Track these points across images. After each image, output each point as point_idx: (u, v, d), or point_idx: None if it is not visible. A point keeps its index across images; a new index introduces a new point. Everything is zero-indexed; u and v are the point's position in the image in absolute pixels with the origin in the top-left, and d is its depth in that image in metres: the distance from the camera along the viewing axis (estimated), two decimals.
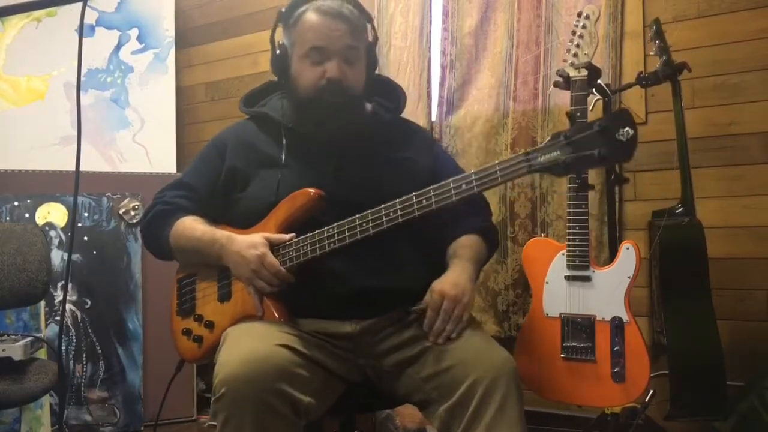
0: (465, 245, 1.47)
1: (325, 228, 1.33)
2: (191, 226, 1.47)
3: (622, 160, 1.12)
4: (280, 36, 1.53)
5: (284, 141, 1.48)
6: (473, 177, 1.22)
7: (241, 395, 1.16)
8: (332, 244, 1.32)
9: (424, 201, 1.25)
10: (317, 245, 1.34)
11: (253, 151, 1.52)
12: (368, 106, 1.54)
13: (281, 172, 1.44)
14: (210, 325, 1.46)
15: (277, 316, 1.35)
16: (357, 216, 1.31)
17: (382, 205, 1.29)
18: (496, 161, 1.20)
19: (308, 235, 1.35)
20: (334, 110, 1.43)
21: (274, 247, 1.37)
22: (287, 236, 1.37)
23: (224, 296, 1.45)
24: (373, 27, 1.55)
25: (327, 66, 1.43)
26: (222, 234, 1.43)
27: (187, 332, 1.50)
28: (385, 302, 1.41)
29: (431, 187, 1.25)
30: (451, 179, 1.24)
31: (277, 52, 1.50)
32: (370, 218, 1.30)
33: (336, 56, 1.43)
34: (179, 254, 1.53)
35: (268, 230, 1.40)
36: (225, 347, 1.29)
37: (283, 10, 1.49)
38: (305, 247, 1.35)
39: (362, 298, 1.38)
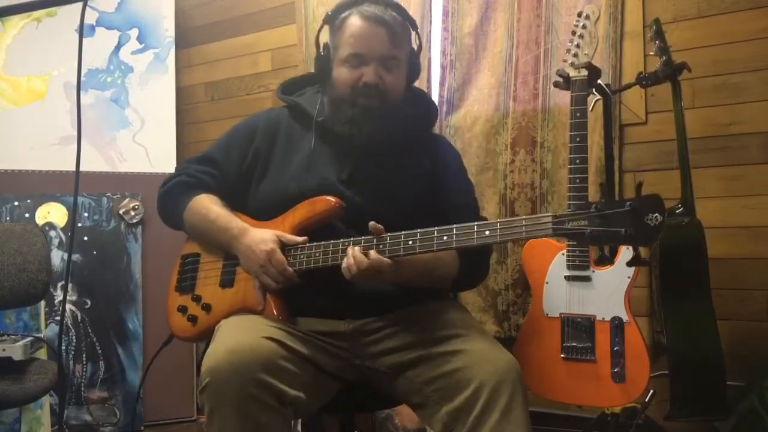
0: None
1: (341, 241, 1.33)
2: (208, 207, 1.49)
3: (646, 243, 1.11)
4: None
5: (314, 135, 1.49)
6: (498, 226, 1.21)
7: (225, 385, 1.16)
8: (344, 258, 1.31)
9: (444, 238, 1.24)
10: (330, 256, 1.34)
11: (281, 139, 1.53)
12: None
13: (307, 165, 1.46)
14: (207, 308, 1.47)
15: (276, 313, 1.36)
16: (374, 236, 1.29)
17: (402, 233, 1.27)
18: (523, 216, 1.20)
19: (322, 243, 1.35)
20: (368, 113, 1.44)
21: (285, 247, 1.38)
22: (300, 239, 1.38)
23: (226, 282, 1.46)
24: (417, 35, 1.54)
25: (364, 70, 1.43)
26: (236, 224, 1.44)
27: (182, 309, 1.51)
28: (381, 304, 1.41)
29: (454, 226, 1.24)
30: (475, 223, 1.23)
31: (321, 53, 1.50)
32: (387, 242, 1.28)
33: (374, 62, 1.43)
34: (190, 230, 1.55)
35: (283, 229, 1.41)
36: (215, 339, 1.30)
37: (330, 12, 1.50)
38: (317, 254, 1.35)
39: (359, 299, 1.38)
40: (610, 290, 1.68)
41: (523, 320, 1.91)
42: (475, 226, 1.23)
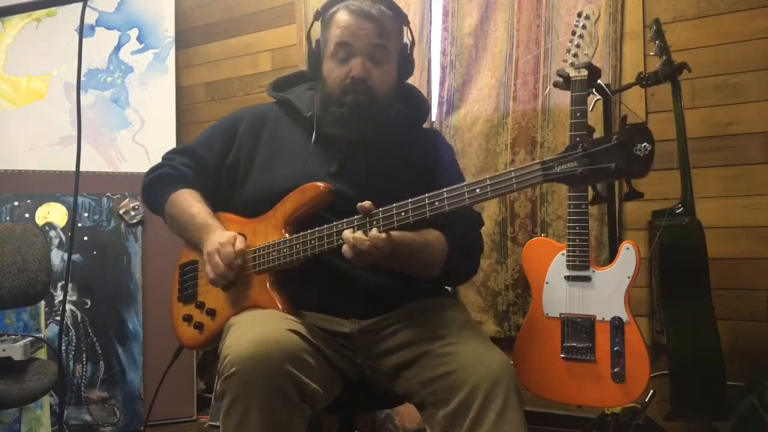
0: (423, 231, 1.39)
1: (335, 223, 1.30)
2: (189, 202, 1.50)
3: (639, 175, 1.07)
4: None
5: (308, 131, 1.48)
6: (488, 182, 1.18)
7: (252, 375, 1.15)
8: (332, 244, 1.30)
9: (436, 203, 1.22)
10: (325, 241, 1.30)
11: (266, 135, 1.53)
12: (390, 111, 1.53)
13: (295, 160, 1.46)
14: (212, 313, 1.46)
15: (280, 307, 1.35)
16: (365, 215, 1.27)
17: (393, 205, 1.24)
18: (512, 168, 1.17)
19: (317, 229, 1.32)
20: (356, 110, 1.43)
21: (249, 249, 1.39)
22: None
23: (228, 285, 1.44)
24: (409, 30, 1.54)
25: (352, 63, 1.43)
26: (213, 221, 1.45)
27: (187, 318, 1.51)
28: (385, 303, 1.41)
29: (444, 189, 1.21)
30: (465, 183, 1.21)
31: (313, 48, 1.51)
32: (381, 217, 1.25)
33: (361, 53, 1.43)
34: (170, 220, 1.56)
35: (275, 221, 1.41)
36: (233, 331, 1.28)
37: (319, 8, 1.51)
38: (313, 241, 1.32)
39: (363, 297, 1.38)
40: (610, 290, 1.68)
41: (523, 320, 1.90)
42: (465, 186, 1.20)
